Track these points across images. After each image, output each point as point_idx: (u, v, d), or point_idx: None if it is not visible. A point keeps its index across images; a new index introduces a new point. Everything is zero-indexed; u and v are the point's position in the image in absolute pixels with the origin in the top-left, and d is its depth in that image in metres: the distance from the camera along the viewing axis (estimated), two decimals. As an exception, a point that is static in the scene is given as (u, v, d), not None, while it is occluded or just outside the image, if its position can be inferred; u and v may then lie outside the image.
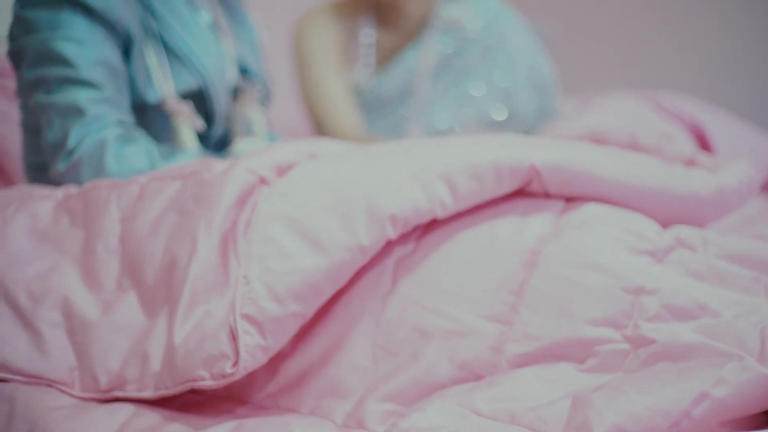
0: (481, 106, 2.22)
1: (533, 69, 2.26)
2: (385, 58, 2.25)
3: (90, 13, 1.46)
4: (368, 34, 2.23)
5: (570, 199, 1.22)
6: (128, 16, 1.49)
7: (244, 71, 1.72)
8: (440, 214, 1.15)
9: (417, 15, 2.22)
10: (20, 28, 1.48)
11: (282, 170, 1.24)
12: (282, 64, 2.44)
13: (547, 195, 1.22)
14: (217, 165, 1.25)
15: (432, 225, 1.19)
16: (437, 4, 2.21)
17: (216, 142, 1.68)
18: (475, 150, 1.18)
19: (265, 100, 1.74)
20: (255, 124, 1.70)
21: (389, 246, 1.16)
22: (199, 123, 1.55)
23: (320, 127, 2.17)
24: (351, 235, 1.12)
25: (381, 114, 2.24)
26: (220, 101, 1.62)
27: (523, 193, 1.22)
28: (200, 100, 1.59)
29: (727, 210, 1.28)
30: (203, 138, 1.63)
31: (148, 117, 1.55)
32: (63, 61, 1.43)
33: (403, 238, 1.17)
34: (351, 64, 2.23)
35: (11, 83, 2.27)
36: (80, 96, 1.42)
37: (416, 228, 1.18)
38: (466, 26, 2.21)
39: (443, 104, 2.22)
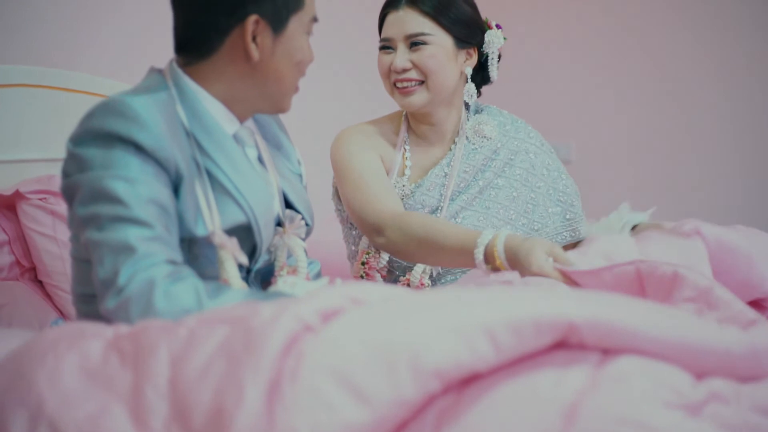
0: (506, 214, 2.30)
1: (554, 180, 2.37)
2: (420, 169, 2.33)
3: (142, 152, 1.51)
4: (402, 148, 2.31)
5: (606, 351, 1.25)
6: (178, 154, 1.55)
7: (287, 203, 1.77)
8: (482, 368, 1.19)
9: (448, 127, 2.33)
10: (74, 165, 1.54)
11: (327, 316, 1.27)
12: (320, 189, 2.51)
13: (584, 346, 1.25)
14: (264, 310, 1.29)
15: (473, 375, 1.22)
16: (463, 116, 2.34)
17: (259, 269, 1.73)
18: (515, 303, 1.22)
19: (307, 231, 1.79)
20: (296, 253, 1.75)
21: (431, 397, 1.19)
22: (244, 258, 1.60)
23: (360, 215, 2.17)
24: (395, 388, 1.15)
25: None
26: (265, 234, 1.67)
27: (561, 343, 1.25)
28: (246, 232, 1.65)
29: (762, 371, 1.29)
30: (247, 268, 1.68)
31: (196, 249, 1.60)
32: (115, 200, 1.48)
33: (445, 389, 1.20)
34: (390, 176, 2.30)
35: (58, 206, 2.34)
36: (131, 234, 1.47)
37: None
38: (489, 135, 2.33)
39: (471, 213, 2.30)
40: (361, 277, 2.28)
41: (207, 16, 1.59)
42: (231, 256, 1.59)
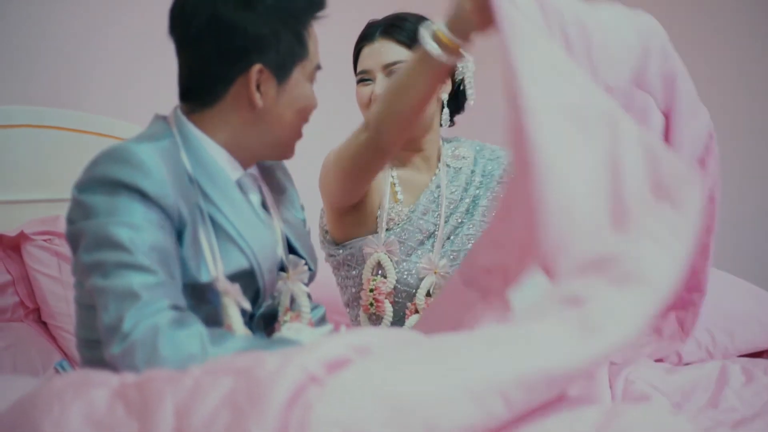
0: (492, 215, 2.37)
1: None
2: (410, 195, 2.40)
3: (146, 199, 1.52)
4: (390, 176, 2.39)
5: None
6: (182, 201, 1.56)
7: (291, 248, 1.78)
8: (494, 426, 1.18)
9: (432, 152, 2.42)
10: (79, 212, 1.55)
11: (331, 367, 1.26)
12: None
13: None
14: (269, 360, 1.28)
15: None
16: (440, 143, 2.44)
17: (262, 314, 1.73)
18: (524, 354, 1.21)
19: (310, 276, 1.79)
20: (299, 299, 1.76)
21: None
22: (247, 304, 1.61)
23: (347, 140, 2.15)
24: None
25: (418, 241, 2.35)
26: (268, 279, 1.68)
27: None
28: (249, 277, 1.65)
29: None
30: (250, 313, 1.69)
31: (199, 295, 1.60)
32: (119, 246, 1.49)
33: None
34: (383, 202, 2.33)
35: (63, 247, 2.34)
36: (135, 281, 1.47)
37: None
38: (466, 155, 2.44)
39: (462, 229, 2.39)
40: (370, 305, 2.30)
41: (212, 65, 1.61)
42: (234, 302, 1.59)
